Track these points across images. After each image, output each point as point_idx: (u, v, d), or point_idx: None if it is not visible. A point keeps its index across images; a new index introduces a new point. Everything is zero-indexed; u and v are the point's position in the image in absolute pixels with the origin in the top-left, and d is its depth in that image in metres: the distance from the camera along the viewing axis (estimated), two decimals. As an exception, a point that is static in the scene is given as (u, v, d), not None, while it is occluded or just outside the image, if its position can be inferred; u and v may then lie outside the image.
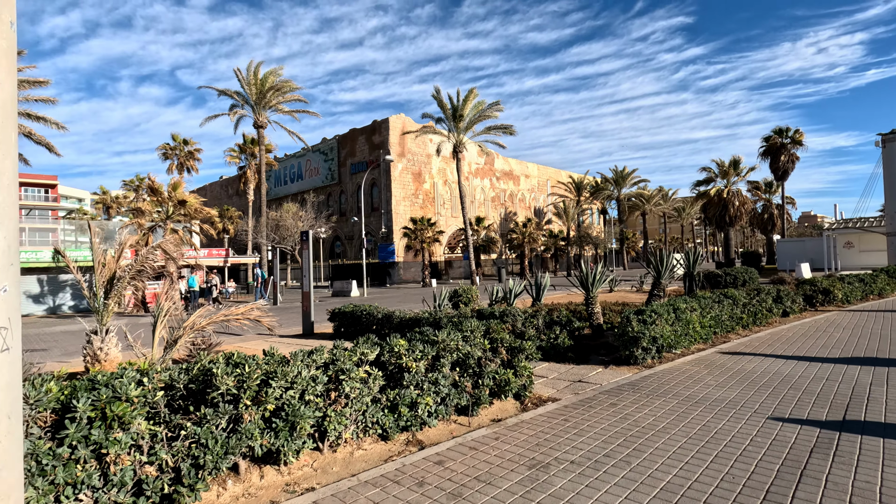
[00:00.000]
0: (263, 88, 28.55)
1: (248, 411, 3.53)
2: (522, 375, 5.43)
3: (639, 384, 6.07)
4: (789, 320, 11.18)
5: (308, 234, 13.34)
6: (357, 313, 11.44)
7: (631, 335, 7.00)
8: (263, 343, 11.91)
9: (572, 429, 4.55)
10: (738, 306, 9.57)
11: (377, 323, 11.00)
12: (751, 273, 20.54)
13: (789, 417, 4.68)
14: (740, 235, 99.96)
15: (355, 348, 4.43)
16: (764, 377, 6.22)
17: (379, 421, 4.27)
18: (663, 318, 7.47)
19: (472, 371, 5.14)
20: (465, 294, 13.84)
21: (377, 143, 50.50)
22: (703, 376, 6.36)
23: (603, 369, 7.03)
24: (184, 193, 19.92)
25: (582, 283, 9.45)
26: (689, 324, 8.01)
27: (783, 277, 22.52)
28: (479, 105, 35.61)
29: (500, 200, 60.98)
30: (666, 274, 10.46)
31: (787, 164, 44.01)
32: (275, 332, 8.81)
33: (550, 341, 7.79)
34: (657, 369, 6.83)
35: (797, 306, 11.84)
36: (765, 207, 51.22)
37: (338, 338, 11.99)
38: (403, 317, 10.46)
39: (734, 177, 38.43)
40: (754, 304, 10.03)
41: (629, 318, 7.23)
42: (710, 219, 39.11)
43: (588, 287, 9.37)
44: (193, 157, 49.48)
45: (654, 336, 7.13)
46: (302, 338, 12.58)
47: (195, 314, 6.80)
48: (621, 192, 55.10)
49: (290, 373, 3.79)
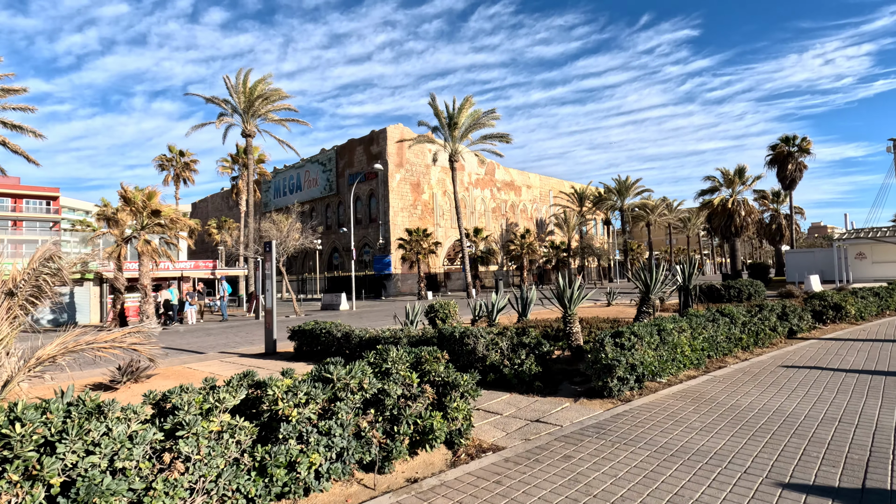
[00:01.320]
0: (252, 97, 27.90)
1: (16, 490, 2.51)
2: (456, 418, 4.35)
3: (607, 426, 4.97)
4: (796, 340, 10.00)
5: (271, 245, 12.38)
6: (316, 332, 10.41)
7: (604, 363, 5.90)
8: (219, 364, 10.91)
9: (501, 498, 3.46)
10: (736, 325, 8.43)
11: (336, 342, 9.97)
12: (756, 286, 19.30)
13: (790, 482, 3.57)
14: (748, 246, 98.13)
15: (210, 393, 3.39)
16: (762, 416, 5.10)
17: (241, 489, 3.22)
18: (645, 341, 6.37)
19: (389, 415, 4.09)
20: (443, 309, 12.76)
21: (375, 153, 49.83)
22: (687, 415, 5.24)
23: (571, 403, 5.93)
24: (159, 203, 19.09)
25: (559, 299, 8.36)
26: (677, 347, 6.90)
27: (791, 290, 21.23)
28: (476, 113, 34.82)
29: (500, 211, 59.99)
30: (656, 289, 9.34)
31: (795, 173, 42.71)
32: (234, 352, 7.80)
33: (515, 369, 6.71)
34: (634, 404, 5.72)
35: (805, 324, 10.65)
36: (772, 217, 49.81)
37: (298, 358, 10.95)
38: (363, 336, 9.42)
39: (739, 186, 37.18)
40: (755, 323, 8.88)
41: (603, 342, 6.14)
42: (715, 229, 37.79)
43: (566, 303, 8.29)
44: (189, 169, 49.09)
45: (633, 363, 6.03)
46: (263, 357, 11.56)
47: (55, 342, 5.79)
48: (624, 203, 53.90)
49: (94, 430, 2.76)
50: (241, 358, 11.62)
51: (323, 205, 57.55)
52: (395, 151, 48.75)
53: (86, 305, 26.61)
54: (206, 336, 17.31)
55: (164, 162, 47.87)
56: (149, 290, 19.25)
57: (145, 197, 18.94)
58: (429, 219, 51.60)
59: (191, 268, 29.39)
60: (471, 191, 56.48)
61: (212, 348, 14.15)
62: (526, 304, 14.30)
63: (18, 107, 21.72)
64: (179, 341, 15.97)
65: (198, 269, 29.97)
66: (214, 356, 12.34)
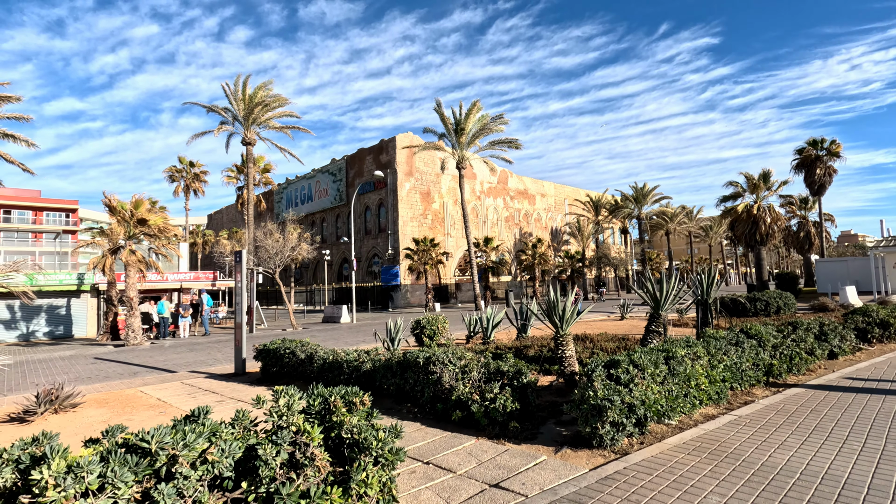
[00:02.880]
0: (251, 103, 27.24)
1: None
2: (365, 496, 3.08)
3: (587, 501, 3.63)
4: (838, 363, 8.44)
5: (241, 255, 11.31)
6: (280, 352, 9.24)
7: (593, 403, 4.56)
8: (177, 388, 9.81)
9: None
10: (765, 348, 6.97)
11: (299, 364, 8.78)
12: (785, 298, 17.56)
13: None
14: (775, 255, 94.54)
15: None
16: (807, 486, 3.70)
17: None
18: (648, 372, 5.01)
19: (265, 493, 2.84)
20: (430, 325, 11.47)
21: (384, 162, 49.06)
22: (700, 481, 3.86)
23: (550, 456, 4.59)
24: (146, 212, 18.31)
25: (548, 316, 7.03)
26: (691, 379, 5.50)
27: (825, 303, 19.36)
28: (483, 118, 33.68)
29: (514, 220, 58.57)
30: (668, 304, 7.93)
31: (824, 178, 40.43)
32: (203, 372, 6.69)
33: (485, 406, 5.40)
34: (632, 459, 4.35)
35: (848, 344, 9.06)
36: (800, 225, 47.33)
37: (265, 380, 9.78)
38: (326, 359, 8.21)
39: (764, 191, 35.12)
40: (788, 345, 7.39)
41: (592, 374, 4.80)
42: (739, 237, 35.72)
43: (558, 322, 6.96)
44: (199, 180, 49.00)
45: (632, 403, 4.68)
46: (230, 379, 10.44)
47: None
48: (642, 211, 51.91)
49: None
50: (207, 380, 10.52)
51: (333, 215, 57.00)
52: (404, 160, 47.90)
53: (83, 317, 26.04)
54: (188, 352, 16.32)
55: (174, 173, 47.87)
56: (135, 303, 18.40)
57: (132, 206, 18.18)
58: (439, 228, 50.49)
59: (191, 279, 28.68)
60: (483, 199, 55.26)
61: (186, 366, 13.11)
62: (526, 318, 12.94)
63: (13, 116, 21.31)
64: (158, 358, 15.00)
65: (198, 280, 29.24)
66: (181, 376, 11.27)
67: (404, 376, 6.52)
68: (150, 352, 16.83)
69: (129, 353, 16.55)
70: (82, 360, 15.46)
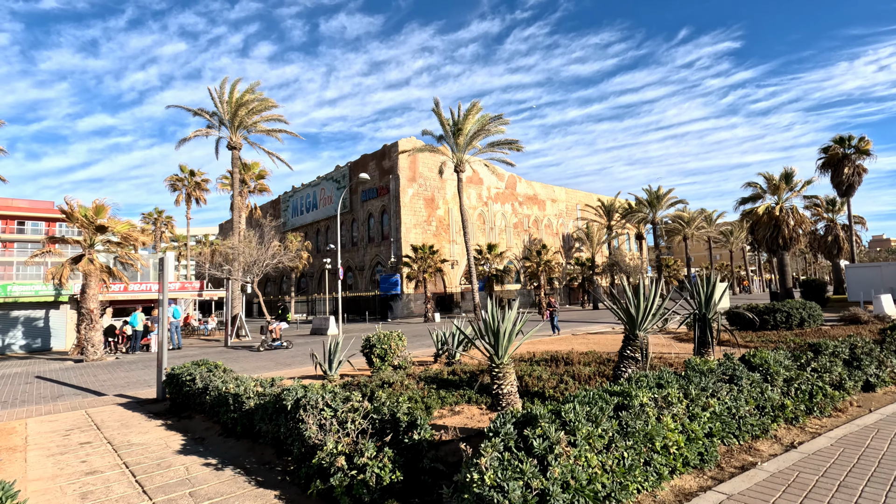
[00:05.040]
0: (237, 107, 26.16)
1: None
2: None
3: None
4: (876, 398, 6.52)
5: (164, 260, 9.87)
6: (182, 379, 7.70)
7: (477, 493, 2.86)
8: (75, 418, 8.34)
9: None
10: (774, 384, 5.14)
11: (197, 394, 7.22)
12: (810, 309, 15.42)
13: None
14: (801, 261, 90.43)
15: None
16: None
17: None
18: (582, 434, 3.28)
19: None
20: (381, 344, 9.77)
21: (387, 168, 47.85)
22: None
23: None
24: (106, 218, 17.12)
25: (482, 335, 5.33)
26: (655, 439, 3.74)
27: (857, 314, 17.09)
28: (483, 119, 32.10)
29: (523, 227, 56.65)
30: (648, 321, 6.14)
31: (853, 178, 37.67)
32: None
33: (351, 478, 3.72)
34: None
35: (889, 372, 7.11)
36: (828, 228, 44.40)
37: (173, 411, 8.22)
38: (219, 391, 6.62)
39: (786, 192, 32.62)
40: (808, 378, 5.53)
41: (479, 448, 3.09)
42: (760, 241, 33.20)
43: (490, 348, 5.26)
44: (201, 188, 48.44)
45: (545, 490, 2.96)
46: (146, 406, 8.95)
47: None
48: (656, 215, 49.46)
49: None
50: (118, 408, 9.06)
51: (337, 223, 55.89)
52: (407, 165, 46.58)
53: (61, 330, 25.08)
54: (142, 369, 14.97)
55: (175, 182, 47.37)
56: (94, 315, 17.18)
57: (93, 212, 17.02)
58: (444, 235, 48.93)
59: (177, 289, 27.58)
60: (490, 205, 53.55)
61: (122, 387, 11.70)
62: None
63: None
64: (102, 377, 13.64)
65: (185, 290, 28.14)
66: (101, 401, 9.86)
67: (277, 422, 4.89)
68: (103, 368, 15.53)
69: (79, 371, 15.27)
70: (23, 378, 14.20)
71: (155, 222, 61.10)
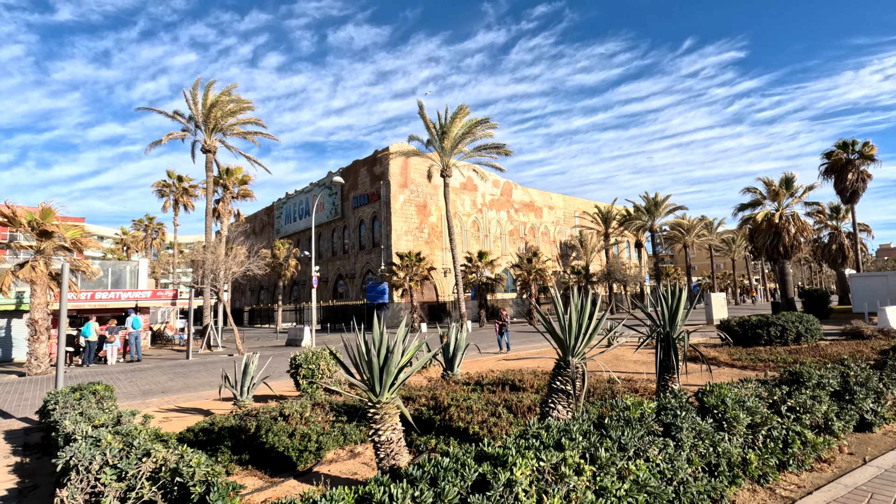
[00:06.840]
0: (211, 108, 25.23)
1: None
2: None
3: None
4: (874, 441, 5.26)
5: (62, 269, 8.75)
6: (47, 408, 6.53)
7: None
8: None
9: None
10: (733, 433, 3.91)
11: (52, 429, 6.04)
12: (807, 322, 14.12)
13: None
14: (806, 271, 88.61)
15: None
16: None
17: None
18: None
19: None
20: (308, 364, 8.57)
21: (378, 173, 46.89)
22: None
23: None
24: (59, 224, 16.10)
25: (356, 365, 4.15)
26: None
27: (860, 328, 15.72)
28: (471, 122, 31.06)
29: (519, 234, 55.44)
30: (582, 344, 4.93)
31: (857, 184, 36.25)
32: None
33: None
34: None
35: (887, 406, 5.84)
36: (832, 236, 42.92)
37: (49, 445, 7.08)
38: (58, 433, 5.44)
39: (787, 198, 31.30)
40: (781, 423, 4.29)
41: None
42: (759, 249, 31.83)
43: (370, 379, 4.08)
44: (188, 194, 47.53)
45: None
46: (34, 434, 7.76)
47: None
48: (655, 222, 48.14)
49: None
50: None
51: (329, 230, 54.99)
52: (398, 171, 45.59)
53: (23, 340, 24.05)
54: (78, 386, 13.80)
55: (162, 188, 46.52)
56: (39, 326, 16.10)
57: (39, 216, 16.00)
58: (437, 242, 47.81)
59: (148, 297, 26.53)
60: (485, 212, 52.43)
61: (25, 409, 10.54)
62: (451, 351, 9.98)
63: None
64: (28, 394, 12.50)
65: (157, 298, 27.09)
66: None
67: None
68: (39, 384, 14.38)
69: (11, 386, 14.14)
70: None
71: (146, 228, 60.29)
